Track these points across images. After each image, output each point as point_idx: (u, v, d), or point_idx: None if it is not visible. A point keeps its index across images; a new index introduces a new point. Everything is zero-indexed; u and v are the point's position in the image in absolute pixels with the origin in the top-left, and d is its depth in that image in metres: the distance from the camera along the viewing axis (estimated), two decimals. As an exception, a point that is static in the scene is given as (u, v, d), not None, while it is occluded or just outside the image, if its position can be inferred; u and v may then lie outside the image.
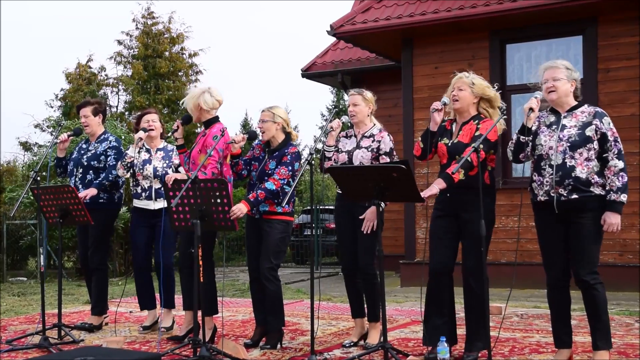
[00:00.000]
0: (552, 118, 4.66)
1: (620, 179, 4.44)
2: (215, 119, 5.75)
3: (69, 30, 53.63)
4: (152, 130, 6.23)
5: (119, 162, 6.13)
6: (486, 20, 9.54)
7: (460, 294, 4.95)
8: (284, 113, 5.56)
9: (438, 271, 4.91)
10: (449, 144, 4.92)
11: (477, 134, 4.80)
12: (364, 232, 5.30)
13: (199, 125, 6.11)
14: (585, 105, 4.65)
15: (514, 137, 4.69)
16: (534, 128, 4.68)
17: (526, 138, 4.62)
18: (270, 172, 5.47)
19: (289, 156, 5.45)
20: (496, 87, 5.05)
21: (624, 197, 4.44)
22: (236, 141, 5.44)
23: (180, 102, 5.84)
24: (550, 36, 9.59)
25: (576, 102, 4.66)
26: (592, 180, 4.48)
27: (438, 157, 5.02)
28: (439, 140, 4.98)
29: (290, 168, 5.41)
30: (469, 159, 4.57)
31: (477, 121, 4.89)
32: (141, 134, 5.99)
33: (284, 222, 5.50)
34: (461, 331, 5.07)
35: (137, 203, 6.34)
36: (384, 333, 4.72)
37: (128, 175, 6.27)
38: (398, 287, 9.86)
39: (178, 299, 6.25)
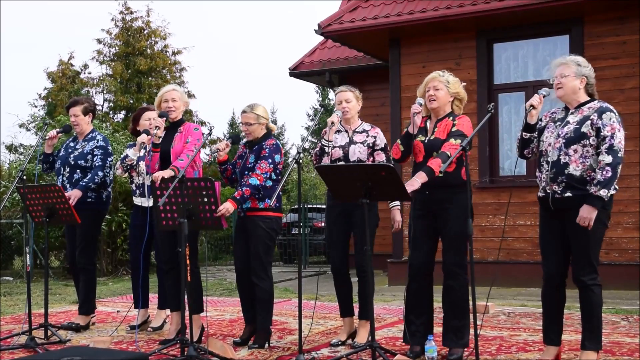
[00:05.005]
0: (562, 114, 4.64)
1: (603, 173, 4.33)
2: (184, 119, 5.88)
3: (48, 29, 53.39)
4: (158, 128, 6.18)
5: (119, 162, 6.07)
6: (473, 19, 9.57)
7: (438, 292, 4.98)
8: (264, 111, 5.60)
9: (418, 270, 4.92)
10: (425, 141, 4.94)
11: (454, 129, 4.84)
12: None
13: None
14: (595, 101, 4.58)
15: (519, 134, 4.70)
16: (542, 124, 4.68)
17: (529, 135, 4.63)
18: (250, 166, 5.48)
19: (267, 149, 5.46)
20: (464, 85, 5.11)
21: (603, 192, 4.32)
22: (220, 149, 5.46)
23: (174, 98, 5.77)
24: (537, 36, 9.63)
25: (587, 98, 4.60)
26: (589, 178, 4.42)
27: (414, 154, 5.04)
28: (415, 138, 5.00)
29: (270, 161, 5.42)
30: (451, 156, 4.59)
31: (452, 117, 4.93)
32: (144, 137, 5.78)
33: (268, 218, 5.48)
34: (438, 330, 5.10)
35: (134, 200, 6.33)
36: (371, 332, 4.72)
37: (125, 175, 6.23)
38: (386, 286, 9.87)
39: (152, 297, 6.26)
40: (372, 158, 5.46)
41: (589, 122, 4.46)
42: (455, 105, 5.03)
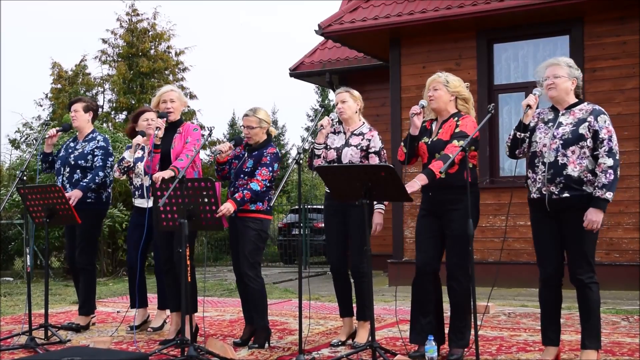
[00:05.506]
0: (551, 115, 4.66)
1: (607, 176, 4.38)
2: (182, 119, 5.88)
3: (48, 29, 53.46)
4: (159, 129, 6.17)
5: (116, 165, 6.06)
6: (473, 19, 9.57)
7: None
8: (266, 115, 5.62)
9: (422, 270, 4.93)
10: (429, 143, 4.93)
11: (457, 130, 4.83)
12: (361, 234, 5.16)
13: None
14: (585, 103, 4.63)
15: (511, 133, 4.71)
16: (532, 124, 4.68)
17: (522, 134, 4.63)
18: (247, 170, 5.48)
19: (268, 157, 5.47)
20: (467, 86, 5.08)
21: (609, 195, 4.38)
22: (223, 151, 5.46)
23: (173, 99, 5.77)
24: (537, 36, 9.64)
25: (576, 100, 4.64)
26: (585, 179, 4.45)
27: (420, 156, 5.04)
28: (420, 140, 5.00)
29: (270, 169, 5.44)
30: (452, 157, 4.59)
31: (456, 118, 4.92)
32: (139, 138, 5.82)
33: (258, 219, 5.49)
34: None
35: (134, 202, 6.33)
36: (372, 332, 4.72)
37: (124, 177, 6.22)
38: (386, 287, 9.87)
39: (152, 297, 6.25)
40: (365, 161, 5.42)
41: (586, 124, 4.50)
42: (461, 105, 5.00)
